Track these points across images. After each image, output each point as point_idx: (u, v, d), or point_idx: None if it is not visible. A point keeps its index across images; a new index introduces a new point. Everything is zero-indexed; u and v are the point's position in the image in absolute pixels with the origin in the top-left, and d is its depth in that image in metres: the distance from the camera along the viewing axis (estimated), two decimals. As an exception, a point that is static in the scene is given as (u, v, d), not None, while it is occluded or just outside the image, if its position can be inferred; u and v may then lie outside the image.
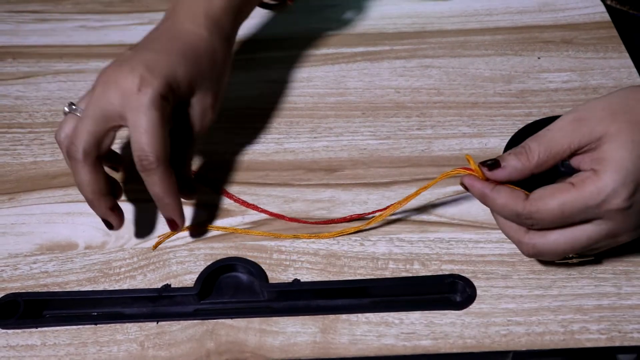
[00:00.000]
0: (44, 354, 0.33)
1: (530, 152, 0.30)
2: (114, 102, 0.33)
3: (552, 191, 0.30)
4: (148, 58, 0.34)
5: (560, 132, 0.30)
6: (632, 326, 0.32)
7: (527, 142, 0.31)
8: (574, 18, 0.49)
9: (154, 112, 0.33)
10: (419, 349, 0.32)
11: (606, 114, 0.30)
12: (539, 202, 0.30)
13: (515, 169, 0.31)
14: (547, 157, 0.30)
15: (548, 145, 0.30)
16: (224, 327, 0.33)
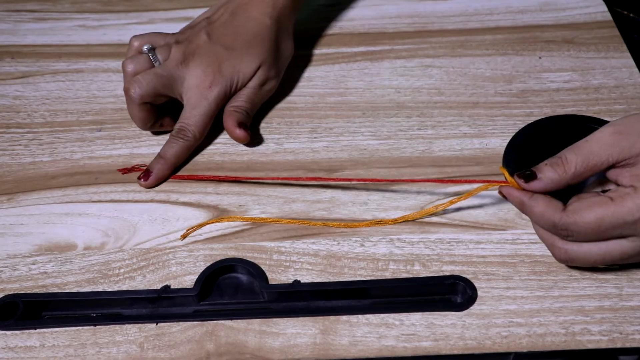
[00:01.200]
0: (43, 355, 0.33)
1: (567, 164, 0.30)
2: (184, 83, 0.41)
3: (589, 204, 0.30)
4: (220, 56, 0.41)
5: (599, 144, 0.30)
6: (634, 327, 0.32)
7: (564, 153, 0.31)
8: (575, 17, 0.49)
9: (213, 105, 0.41)
10: (420, 350, 0.32)
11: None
12: (576, 215, 0.30)
13: (551, 181, 0.31)
14: (585, 169, 0.30)
15: (586, 157, 0.30)
16: (223, 328, 0.33)
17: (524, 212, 0.32)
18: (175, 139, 0.40)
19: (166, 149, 0.40)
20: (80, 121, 0.44)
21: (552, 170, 0.31)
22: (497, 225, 0.36)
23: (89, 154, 0.42)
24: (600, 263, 0.31)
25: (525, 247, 0.35)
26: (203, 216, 0.38)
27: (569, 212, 0.30)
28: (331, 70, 0.46)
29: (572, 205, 0.30)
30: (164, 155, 0.40)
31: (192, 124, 0.40)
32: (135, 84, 0.39)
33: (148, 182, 0.39)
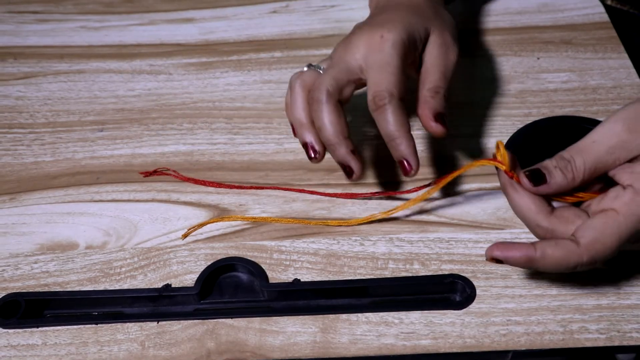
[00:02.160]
0: (45, 353, 0.33)
1: (576, 171, 0.29)
2: (357, 56, 0.35)
3: (601, 227, 0.28)
4: (382, 19, 0.36)
5: (607, 147, 0.29)
6: (631, 326, 0.32)
7: (573, 156, 0.29)
8: (573, 19, 0.49)
9: (393, 52, 0.34)
10: (419, 349, 0.32)
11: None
12: (597, 245, 0.28)
13: (559, 187, 0.29)
14: (592, 175, 0.29)
15: (595, 164, 0.29)
16: (224, 326, 0.33)
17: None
18: (379, 113, 0.34)
19: (385, 129, 0.34)
20: (82, 121, 0.45)
21: (562, 176, 0.29)
22: (496, 224, 0.37)
23: (90, 154, 0.42)
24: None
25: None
26: (204, 215, 0.38)
27: (586, 245, 0.28)
28: (331, 71, 0.47)
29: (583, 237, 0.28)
30: (391, 138, 0.33)
31: (379, 83, 0.34)
32: (318, 86, 0.34)
33: (412, 171, 0.34)
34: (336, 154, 0.34)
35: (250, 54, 0.49)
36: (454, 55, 0.37)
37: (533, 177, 0.29)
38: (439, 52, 0.36)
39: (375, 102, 0.34)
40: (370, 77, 0.34)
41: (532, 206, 0.30)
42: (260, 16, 0.51)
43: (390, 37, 0.34)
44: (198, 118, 0.44)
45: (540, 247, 0.29)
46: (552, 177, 0.29)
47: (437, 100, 0.35)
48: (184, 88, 0.46)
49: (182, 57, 0.49)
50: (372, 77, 0.34)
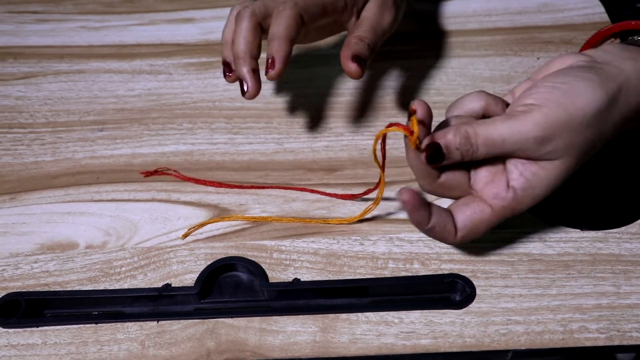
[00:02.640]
0: (44, 353, 0.33)
1: (476, 155, 0.30)
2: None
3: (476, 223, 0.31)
4: None
5: (516, 146, 0.30)
6: (631, 325, 0.32)
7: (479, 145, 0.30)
8: (573, 19, 0.49)
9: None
10: (419, 348, 0.32)
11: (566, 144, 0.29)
12: (468, 235, 0.31)
13: (451, 163, 0.30)
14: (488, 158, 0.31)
15: (498, 154, 0.30)
16: (224, 326, 0.33)
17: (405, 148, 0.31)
18: (278, 14, 0.35)
19: (273, 29, 0.35)
20: (82, 121, 0.45)
21: (459, 157, 0.30)
22: (496, 224, 0.37)
23: (90, 153, 0.42)
24: None
25: (523, 245, 0.36)
26: (204, 215, 0.38)
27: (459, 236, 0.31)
28: (331, 71, 0.47)
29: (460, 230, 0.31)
30: (275, 36, 0.35)
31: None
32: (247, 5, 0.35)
33: (276, 68, 0.35)
34: (238, 68, 0.35)
35: (250, 54, 0.48)
36: (390, 17, 0.38)
37: (431, 158, 0.30)
38: (375, 10, 0.38)
39: (278, 8, 0.35)
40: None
41: (422, 167, 0.31)
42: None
43: None
44: (198, 118, 0.44)
45: (433, 222, 0.31)
46: (449, 157, 0.30)
47: (360, 45, 0.36)
48: (184, 88, 0.46)
49: (182, 57, 0.49)
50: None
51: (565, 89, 0.30)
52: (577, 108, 0.29)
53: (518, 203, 0.31)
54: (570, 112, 0.29)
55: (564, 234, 0.36)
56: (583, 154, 0.30)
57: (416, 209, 0.30)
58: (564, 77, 0.30)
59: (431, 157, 0.30)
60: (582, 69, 0.30)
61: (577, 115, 0.29)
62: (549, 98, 0.29)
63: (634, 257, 0.35)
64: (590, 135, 0.30)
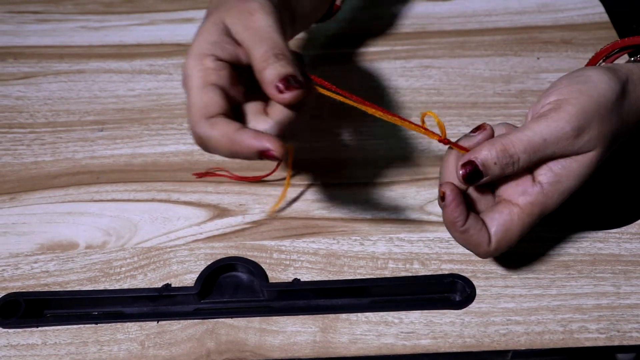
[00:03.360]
0: (44, 353, 0.33)
1: (518, 167, 0.29)
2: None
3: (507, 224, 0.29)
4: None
5: (555, 146, 0.29)
6: (631, 325, 0.32)
7: (517, 153, 0.28)
8: (573, 19, 0.49)
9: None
10: (419, 348, 0.32)
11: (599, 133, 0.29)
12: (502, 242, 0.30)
13: (491, 180, 0.29)
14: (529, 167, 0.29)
15: (540, 159, 0.29)
16: (224, 326, 0.33)
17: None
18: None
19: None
20: (82, 121, 0.45)
21: (500, 172, 0.29)
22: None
23: (90, 153, 0.42)
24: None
25: (523, 246, 0.35)
26: (204, 215, 0.38)
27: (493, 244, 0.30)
28: (330, 71, 0.47)
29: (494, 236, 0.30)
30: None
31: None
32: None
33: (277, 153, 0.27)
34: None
35: (250, 54, 0.48)
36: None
37: (469, 177, 0.29)
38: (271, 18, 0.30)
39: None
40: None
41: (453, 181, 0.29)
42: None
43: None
44: (198, 118, 0.44)
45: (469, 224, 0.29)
46: (487, 174, 0.29)
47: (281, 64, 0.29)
48: (184, 88, 0.46)
49: (182, 57, 0.49)
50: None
51: (583, 80, 0.30)
52: (600, 95, 0.29)
53: (546, 197, 0.29)
54: (596, 99, 0.29)
55: (564, 234, 0.36)
56: (611, 143, 0.30)
57: (456, 204, 0.28)
58: (575, 73, 0.31)
59: (468, 176, 0.28)
60: (587, 68, 0.31)
61: (603, 102, 0.29)
62: (572, 90, 0.29)
63: (634, 257, 0.35)
64: (616, 123, 0.30)
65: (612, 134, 0.30)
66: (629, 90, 0.30)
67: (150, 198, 0.40)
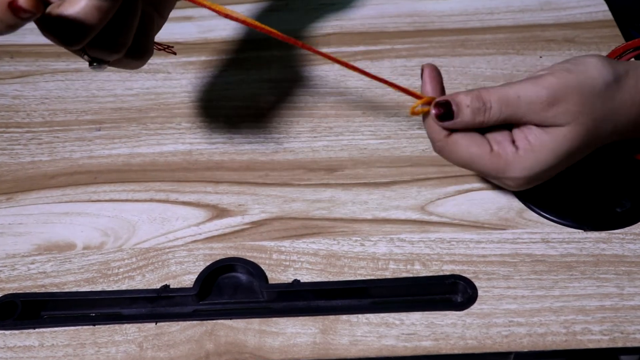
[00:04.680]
0: (41, 355, 0.33)
1: (489, 116, 0.30)
2: None
3: (470, 142, 0.31)
4: None
5: (527, 108, 0.30)
6: (635, 327, 0.32)
7: (490, 101, 0.30)
8: (575, 17, 0.49)
9: None
10: (420, 350, 0.32)
11: (576, 110, 0.30)
12: (454, 147, 0.31)
13: (464, 126, 0.30)
14: (502, 123, 0.30)
15: (510, 116, 0.30)
16: (223, 327, 0.33)
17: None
18: None
19: None
20: (80, 120, 0.44)
21: (471, 117, 0.30)
22: (498, 224, 0.36)
23: (88, 153, 0.42)
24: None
25: (525, 246, 0.35)
26: (203, 215, 0.38)
27: (450, 140, 0.31)
28: (331, 70, 0.46)
29: (456, 135, 0.31)
30: None
31: None
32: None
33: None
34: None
35: (250, 53, 0.48)
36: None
37: (441, 116, 0.30)
38: None
39: None
40: None
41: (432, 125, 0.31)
42: (260, 15, 0.51)
43: None
44: (197, 117, 0.44)
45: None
46: (460, 115, 0.30)
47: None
48: (183, 87, 0.46)
49: (180, 56, 0.48)
50: None
51: (576, 62, 0.31)
52: (587, 77, 0.30)
53: (517, 160, 0.30)
54: (580, 79, 0.30)
55: (567, 235, 0.35)
56: (593, 126, 0.30)
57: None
58: (575, 57, 0.32)
59: (441, 115, 0.30)
60: (588, 54, 0.32)
61: (587, 83, 0.30)
62: (561, 67, 0.31)
63: (638, 258, 0.34)
64: (600, 109, 0.30)
65: (594, 119, 0.30)
66: (627, 84, 0.31)
67: (149, 198, 0.39)
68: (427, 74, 0.32)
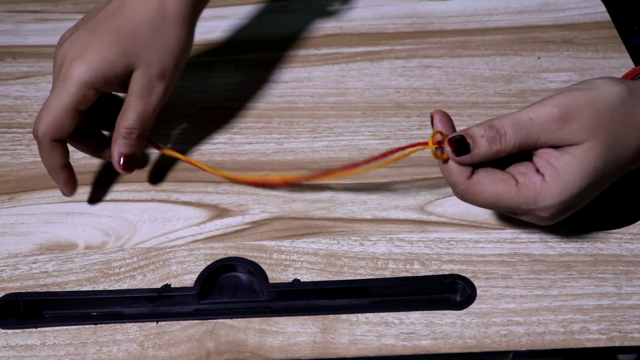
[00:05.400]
0: (43, 354, 0.33)
1: (505, 143, 0.29)
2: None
3: (494, 180, 0.30)
4: (82, 42, 0.34)
5: (541, 128, 0.29)
6: (633, 326, 0.32)
7: (504, 127, 0.29)
8: (574, 18, 0.49)
9: (65, 96, 0.34)
10: (419, 349, 0.32)
11: (592, 125, 0.29)
12: (477, 187, 0.30)
13: (482, 159, 0.30)
14: (519, 149, 0.30)
15: (526, 139, 0.29)
16: (223, 327, 0.33)
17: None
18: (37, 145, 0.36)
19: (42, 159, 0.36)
20: (81, 121, 0.44)
21: (488, 148, 0.29)
22: (496, 224, 0.37)
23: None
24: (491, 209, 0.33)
25: (524, 246, 0.35)
26: (203, 215, 0.38)
27: (472, 182, 0.30)
28: (331, 70, 0.47)
29: (478, 175, 0.30)
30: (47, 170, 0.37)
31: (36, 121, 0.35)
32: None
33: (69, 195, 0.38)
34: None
35: (250, 54, 0.48)
36: (158, 96, 0.36)
37: (457, 148, 0.30)
38: (140, 92, 0.35)
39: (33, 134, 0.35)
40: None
41: (451, 168, 0.30)
42: (261, 15, 0.51)
43: (74, 75, 0.33)
44: (197, 118, 0.44)
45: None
46: (476, 147, 0.29)
47: (129, 142, 0.36)
48: (184, 88, 0.46)
49: (181, 57, 0.48)
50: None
51: (584, 82, 0.30)
52: (599, 93, 0.29)
53: (545, 187, 0.29)
54: (591, 95, 0.29)
55: (565, 235, 0.36)
56: (615, 141, 0.29)
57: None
58: (582, 81, 0.31)
59: (457, 149, 0.29)
60: (598, 77, 0.31)
61: (600, 99, 0.29)
62: (568, 88, 0.30)
63: (636, 257, 0.34)
64: (619, 121, 0.29)
65: (614, 134, 0.29)
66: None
67: (150, 198, 0.39)
68: (438, 119, 0.31)
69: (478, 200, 0.30)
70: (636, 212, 0.36)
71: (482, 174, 0.30)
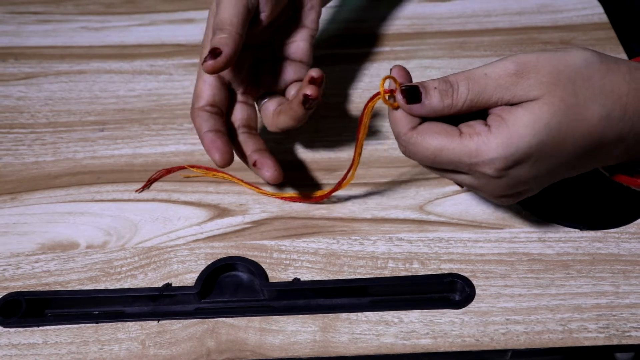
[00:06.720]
0: (45, 352, 0.33)
1: (457, 97, 0.28)
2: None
3: (437, 130, 0.28)
4: None
5: (496, 84, 0.28)
6: (630, 325, 0.32)
7: (457, 82, 0.28)
8: (572, 19, 0.49)
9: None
10: (418, 348, 0.32)
11: (549, 81, 0.27)
12: (419, 138, 0.29)
13: (433, 110, 0.29)
14: (470, 107, 0.28)
15: (477, 95, 0.28)
16: (224, 325, 0.33)
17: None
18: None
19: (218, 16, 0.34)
20: (83, 121, 0.45)
21: (439, 99, 0.28)
22: (495, 223, 0.37)
23: (91, 153, 0.43)
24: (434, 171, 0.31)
25: (522, 245, 0.36)
26: (204, 215, 0.38)
27: (415, 131, 0.29)
28: (331, 71, 0.47)
29: (422, 126, 0.29)
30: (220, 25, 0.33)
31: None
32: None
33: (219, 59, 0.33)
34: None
35: (251, 55, 0.49)
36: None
37: (408, 95, 0.29)
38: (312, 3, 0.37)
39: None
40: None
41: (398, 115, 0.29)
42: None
43: None
44: (198, 118, 0.44)
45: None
46: (427, 97, 0.28)
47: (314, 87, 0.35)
48: (185, 88, 0.47)
49: (182, 58, 0.49)
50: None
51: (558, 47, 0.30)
52: (565, 54, 0.28)
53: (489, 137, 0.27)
54: (555, 55, 0.28)
55: (563, 234, 0.36)
56: (573, 101, 0.27)
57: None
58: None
59: (408, 97, 0.29)
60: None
61: (563, 59, 0.28)
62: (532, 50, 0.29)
63: (633, 256, 0.35)
64: (581, 83, 0.27)
65: (574, 94, 0.27)
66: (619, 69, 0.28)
67: (151, 198, 0.40)
68: (396, 71, 0.30)
69: (418, 151, 0.29)
70: (634, 212, 0.37)
71: (427, 124, 0.29)
